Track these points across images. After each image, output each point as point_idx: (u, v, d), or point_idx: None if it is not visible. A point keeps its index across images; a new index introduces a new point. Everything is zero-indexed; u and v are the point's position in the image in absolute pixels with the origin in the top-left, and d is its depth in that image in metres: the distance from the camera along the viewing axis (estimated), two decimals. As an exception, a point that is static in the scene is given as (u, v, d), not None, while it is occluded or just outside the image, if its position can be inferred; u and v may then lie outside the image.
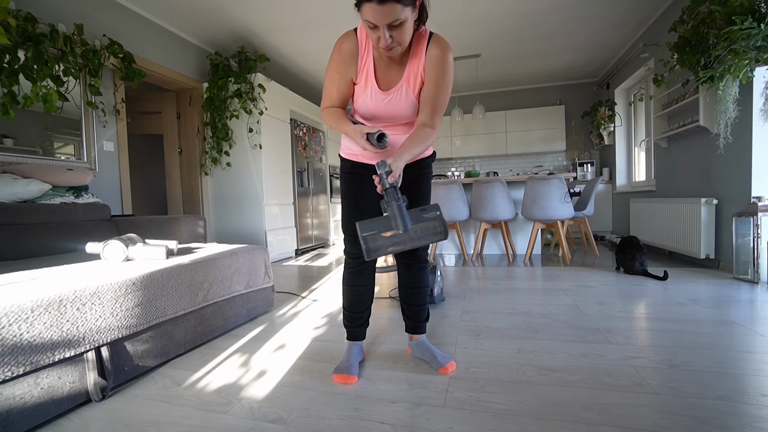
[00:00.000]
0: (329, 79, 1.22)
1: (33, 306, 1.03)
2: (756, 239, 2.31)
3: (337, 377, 1.27)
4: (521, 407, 1.08)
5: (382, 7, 0.95)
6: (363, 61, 1.17)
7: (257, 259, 2.02)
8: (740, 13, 2.15)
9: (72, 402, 1.13)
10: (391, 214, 0.99)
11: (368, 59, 1.17)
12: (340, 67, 1.19)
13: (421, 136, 1.14)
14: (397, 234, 0.99)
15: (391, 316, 1.95)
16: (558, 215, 3.21)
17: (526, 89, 5.96)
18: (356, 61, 1.18)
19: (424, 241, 1.02)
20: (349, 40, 1.17)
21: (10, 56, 2.11)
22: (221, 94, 3.70)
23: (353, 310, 1.38)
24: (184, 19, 3.41)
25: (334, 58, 1.19)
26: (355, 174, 1.33)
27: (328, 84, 1.23)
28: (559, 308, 1.98)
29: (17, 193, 1.98)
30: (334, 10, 3.38)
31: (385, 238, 0.99)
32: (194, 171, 3.89)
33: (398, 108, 1.22)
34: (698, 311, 1.86)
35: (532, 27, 3.85)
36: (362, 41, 1.16)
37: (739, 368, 1.26)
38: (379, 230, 0.99)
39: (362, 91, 1.21)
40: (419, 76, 1.18)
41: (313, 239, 4.83)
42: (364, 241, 0.98)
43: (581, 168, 5.48)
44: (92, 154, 2.78)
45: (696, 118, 2.89)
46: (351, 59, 1.18)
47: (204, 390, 1.25)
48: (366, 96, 1.21)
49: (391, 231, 0.99)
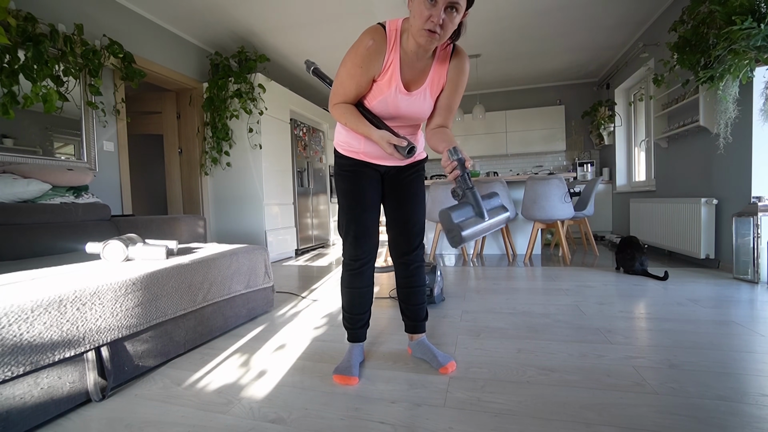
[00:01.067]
0: (348, 74, 1.14)
1: (33, 306, 1.03)
2: (756, 239, 2.31)
3: (338, 378, 1.27)
4: (521, 407, 1.08)
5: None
6: (389, 58, 1.13)
7: (257, 259, 2.02)
8: (740, 13, 2.14)
9: (72, 402, 1.13)
10: (472, 201, 0.99)
11: (395, 57, 1.13)
12: (364, 61, 1.11)
13: (450, 135, 1.21)
14: (478, 220, 0.98)
15: (391, 316, 1.95)
16: (558, 215, 3.21)
17: (526, 89, 5.96)
18: (382, 58, 1.12)
19: (498, 226, 1.01)
20: (379, 34, 1.10)
21: (10, 56, 2.11)
22: (221, 94, 3.70)
23: (354, 311, 1.37)
24: (184, 19, 3.41)
25: (359, 52, 1.11)
26: (356, 172, 1.31)
27: (346, 78, 1.15)
28: (559, 308, 1.98)
29: (17, 193, 1.98)
30: (334, 10, 3.38)
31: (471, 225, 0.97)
32: (194, 171, 3.89)
33: (416, 109, 1.21)
34: (698, 311, 1.86)
35: (532, 27, 3.85)
36: (390, 38, 1.12)
37: (739, 368, 1.26)
38: (467, 217, 0.97)
39: (384, 88, 1.16)
40: (442, 81, 1.20)
41: (313, 239, 4.83)
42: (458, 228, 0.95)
43: (581, 168, 5.48)
44: (92, 154, 2.78)
45: (696, 118, 2.89)
46: (378, 55, 1.11)
47: (204, 390, 1.25)
48: (388, 94, 1.16)
49: (474, 218, 0.98)
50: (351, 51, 1.13)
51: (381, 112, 1.20)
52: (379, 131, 1.14)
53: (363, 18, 3.51)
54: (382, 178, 1.37)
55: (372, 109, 1.20)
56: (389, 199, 1.37)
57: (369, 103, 1.20)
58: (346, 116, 1.19)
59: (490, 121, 5.82)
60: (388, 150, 1.12)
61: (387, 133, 1.12)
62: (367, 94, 1.19)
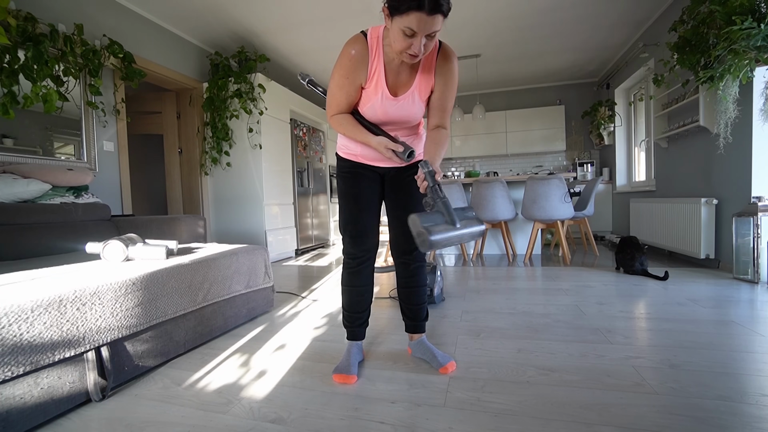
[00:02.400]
0: (337, 85, 1.18)
1: (33, 306, 1.03)
2: (756, 239, 2.30)
3: (337, 377, 1.27)
4: (521, 407, 1.08)
5: (430, 17, 0.96)
6: (373, 65, 1.15)
7: (257, 259, 2.02)
8: (740, 13, 2.15)
9: (72, 402, 1.13)
10: (443, 209, 1.02)
11: (378, 64, 1.15)
12: (349, 72, 1.15)
13: (441, 137, 1.22)
14: (449, 228, 1.00)
15: (391, 316, 1.95)
16: (558, 215, 3.21)
17: (526, 89, 5.96)
18: (366, 66, 1.15)
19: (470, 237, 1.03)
20: (360, 43, 1.14)
21: (10, 56, 2.11)
22: (221, 94, 3.70)
23: (353, 310, 1.39)
24: (184, 19, 3.41)
25: (343, 63, 1.15)
26: (355, 174, 1.33)
27: (336, 89, 1.19)
28: (559, 308, 1.98)
29: (17, 193, 1.98)
30: (334, 10, 3.38)
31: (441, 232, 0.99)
32: (194, 171, 3.89)
33: (406, 113, 1.22)
34: (698, 311, 1.86)
35: (532, 27, 3.85)
36: (372, 45, 1.14)
37: (739, 368, 1.26)
38: (434, 223, 1.00)
39: (372, 96, 1.19)
40: (430, 83, 1.21)
41: (313, 239, 4.83)
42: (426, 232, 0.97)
43: (581, 168, 5.48)
44: (92, 154, 2.78)
45: (696, 118, 2.88)
46: (361, 64, 1.15)
47: (204, 390, 1.25)
48: (375, 101, 1.19)
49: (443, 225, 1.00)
50: (337, 63, 1.16)
51: (372, 118, 1.22)
52: (376, 138, 1.16)
53: (363, 18, 3.51)
54: (383, 179, 1.38)
55: (364, 114, 1.23)
56: (390, 199, 1.38)
57: (361, 110, 1.23)
58: (344, 126, 1.23)
59: (490, 121, 5.82)
60: (387, 155, 1.15)
61: (385, 139, 1.15)
62: (359, 102, 1.22)
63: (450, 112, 1.28)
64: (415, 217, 1.00)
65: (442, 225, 1.00)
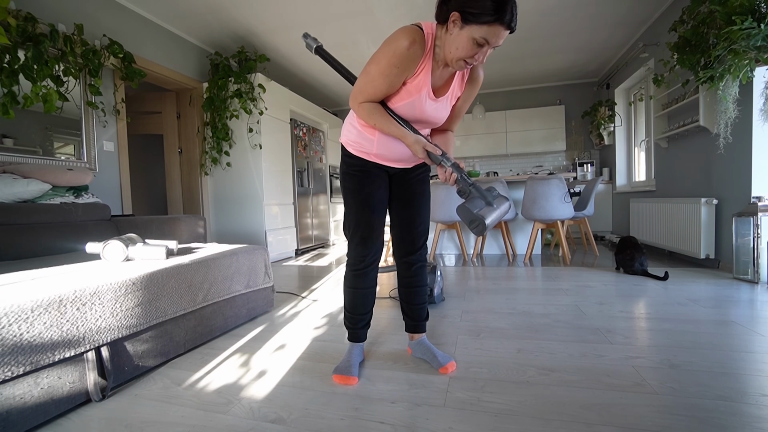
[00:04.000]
0: (381, 72, 1.09)
1: (33, 306, 1.03)
2: (756, 239, 2.30)
3: (337, 378, 1.27)
4: (521, 407, 1.08)
5: (505, 31, 0.99)
6: (423, 62, 1.11)
7: (257, 259, 2.02)
8: (740, 13, 2.14)
9: (72, 402, 1.13)
10: (479, 194, 1.09)
11: (428, 62, 1.12)
12: (402, 62, 1.07)
13: (450, 139, 1.34)
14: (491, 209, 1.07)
15: (392, 316, 1.95)
16: (558, 215, 3.21)
17: (526, 89, 5.96)
18: (418, 61, 1.10)
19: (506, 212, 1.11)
20: (420, 37, 1.07)
21: (10, 56, 2.11)
22: (221, 94, 3.70)
23: (356, 312, 1.37)
24: (184, 19, 3.41)
25: (398, 52, 1.05)
26: (367, 173, 1.29)
27: (377, 76, 1.09)
28: (559, 308, 1.98)
29: (17, 193, 1.98)
30: (335, 10, 3.38)
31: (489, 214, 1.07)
32: (194, 171, 3.89)
33: (438, 115, 1.22)
34: (698, 311, 1.86)
35: (532, 27, 3.85)
36: (428, 43, 1.10)
37: (739, 368, 1.26)
38: (479, 207, 1.07)
39: (413, 92, 1.13)
40: (462, 91, 1.24)
41: (313, 239, 4.83)
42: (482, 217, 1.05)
43: (581, 168, 5.48)
44: (92, 154, 2.78)
45: (696, 118, 2.88)
46: (415, 58, 1.08)
47: (204, 390, 1.25)
48: (416, 99, 1.14)
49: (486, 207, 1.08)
50: (386, 49, 1.07)
51: (405, 114, 1.17)
52: (414, 135, 1.15)
53: (363, 18, 3.51)
54: (390, 178, 1.37)
55: (396, 110, 1.17)
56: (395, 199, 1.38)
57: (393, 104, 1.16)
58: (375, 117, 1.16)
59: (490, 121, 5.82)
60: (420, 155, 1.14)
61: (422, 139, 1.15)
62: (393, 95, 1.16)
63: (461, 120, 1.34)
64: (464, 206, 1.07)
65: (485, 208, 1.07)
